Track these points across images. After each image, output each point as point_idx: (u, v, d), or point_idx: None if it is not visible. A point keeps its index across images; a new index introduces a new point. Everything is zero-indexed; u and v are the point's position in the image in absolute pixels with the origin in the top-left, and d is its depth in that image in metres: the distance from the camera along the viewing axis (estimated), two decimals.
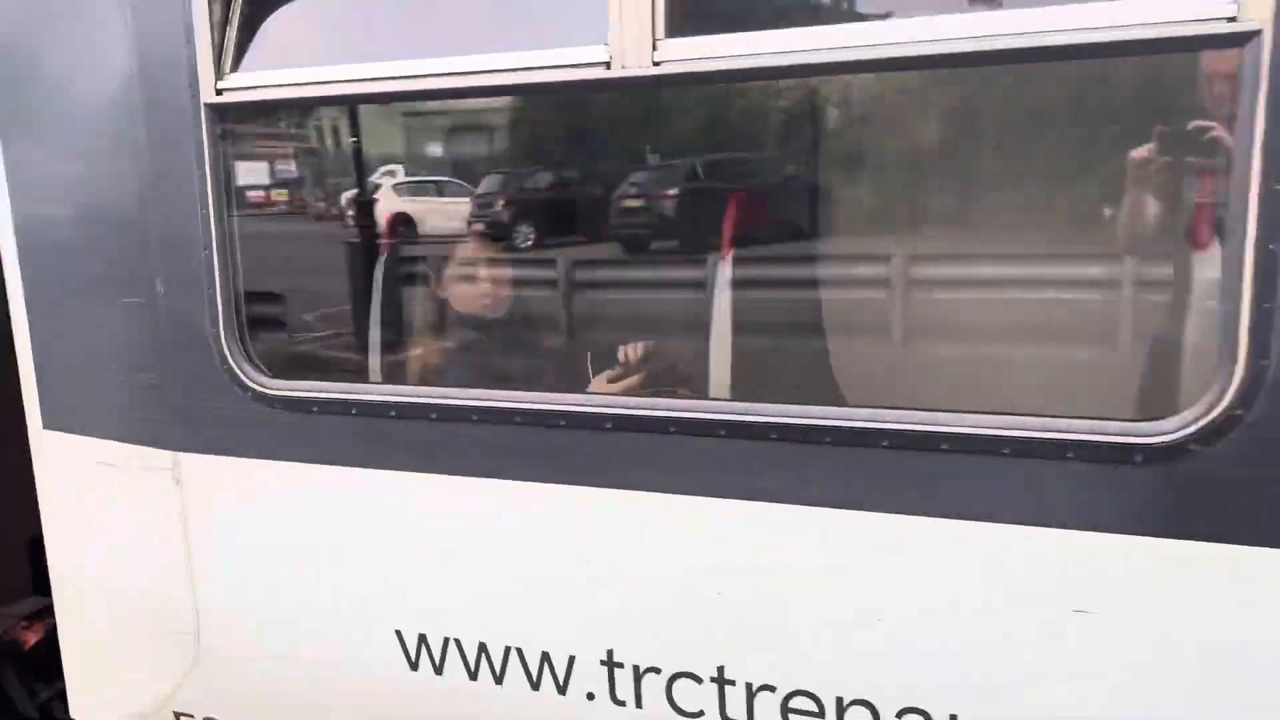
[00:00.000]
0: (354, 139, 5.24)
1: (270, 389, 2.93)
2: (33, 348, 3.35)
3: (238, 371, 2.95)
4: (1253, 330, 2.01)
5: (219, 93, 2.80)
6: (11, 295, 3.36)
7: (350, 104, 3.09)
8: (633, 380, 2.92)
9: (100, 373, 3.23)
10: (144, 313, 3.06)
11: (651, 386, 2.98)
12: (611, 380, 2.94)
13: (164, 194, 2.94)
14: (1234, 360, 2.04)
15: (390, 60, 2.64)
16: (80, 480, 3.36)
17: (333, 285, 4.44)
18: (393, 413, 2.83)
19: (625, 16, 2.34)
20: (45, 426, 3.40)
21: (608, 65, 2.38)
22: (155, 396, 3.11)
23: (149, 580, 3.28)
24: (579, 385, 3.18)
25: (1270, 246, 1.98)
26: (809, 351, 3.67)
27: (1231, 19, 1.94)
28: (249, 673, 3.23)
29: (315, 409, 2.91)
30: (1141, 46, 2.02)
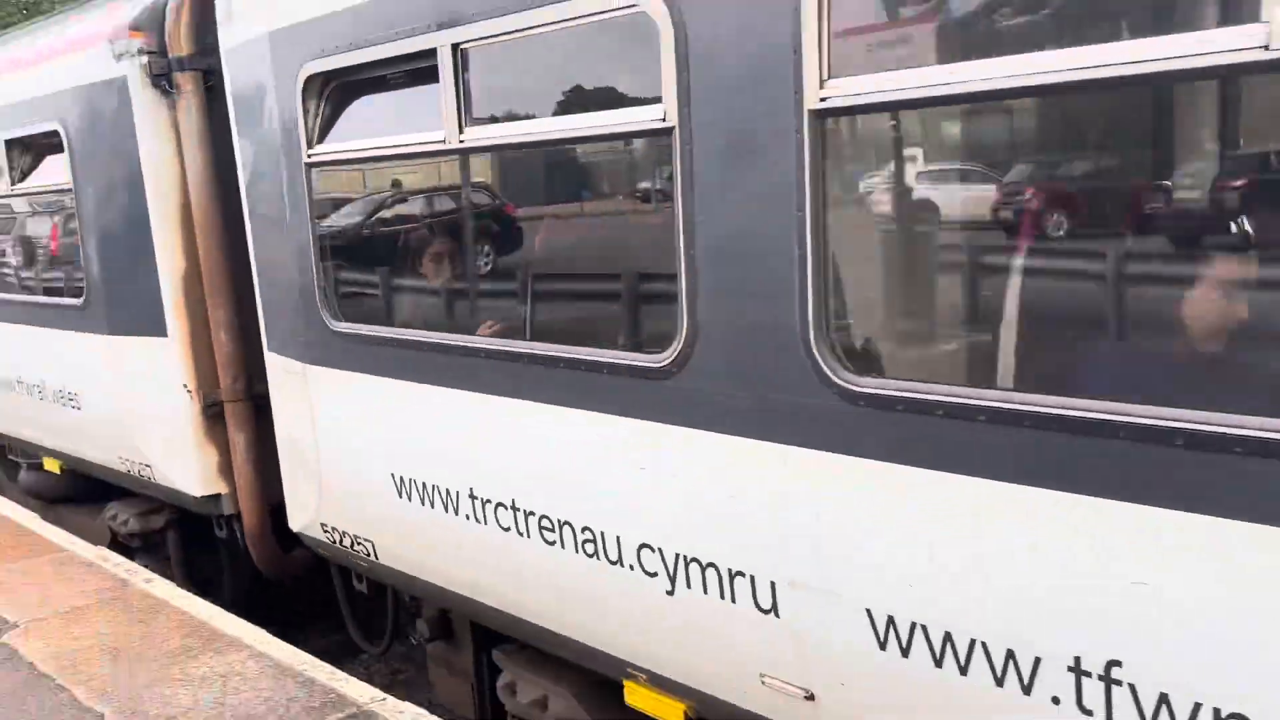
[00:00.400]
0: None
1: (338, 328, 5.02)
2: (260, 297, 5.71)
3: (324, 316, 5.07)
4: (687, 299, 3.40)
5: (309, 156, 4.93)
6: (252, 260, 5.73)
7: (368, 163, 5.08)
8: (497, 328, 4.64)
9: (281, 316, 5.51)
10: (290, 281, 5.28)
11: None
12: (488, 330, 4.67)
13: (294, 208, 5.12)
14: (682, 317, 3.43)
15: (385, 136, 4.65)
16: (278, 381, 5.69)
17: None
18: (404, 345, 4.79)
19: (446, 116, 4.13)
20: (268, 349, 5.77)
21: (444, 141, 4.18)
22: (297, 330, 5.33)
23: (302, 441, 5.53)
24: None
25: (690, 253, 3.36)
26: None
27: (662, 119, 3.35)
28: (340, 499, 5.37)
29: (361, 340, 4.96)
30: (616, 137, 3.49)
